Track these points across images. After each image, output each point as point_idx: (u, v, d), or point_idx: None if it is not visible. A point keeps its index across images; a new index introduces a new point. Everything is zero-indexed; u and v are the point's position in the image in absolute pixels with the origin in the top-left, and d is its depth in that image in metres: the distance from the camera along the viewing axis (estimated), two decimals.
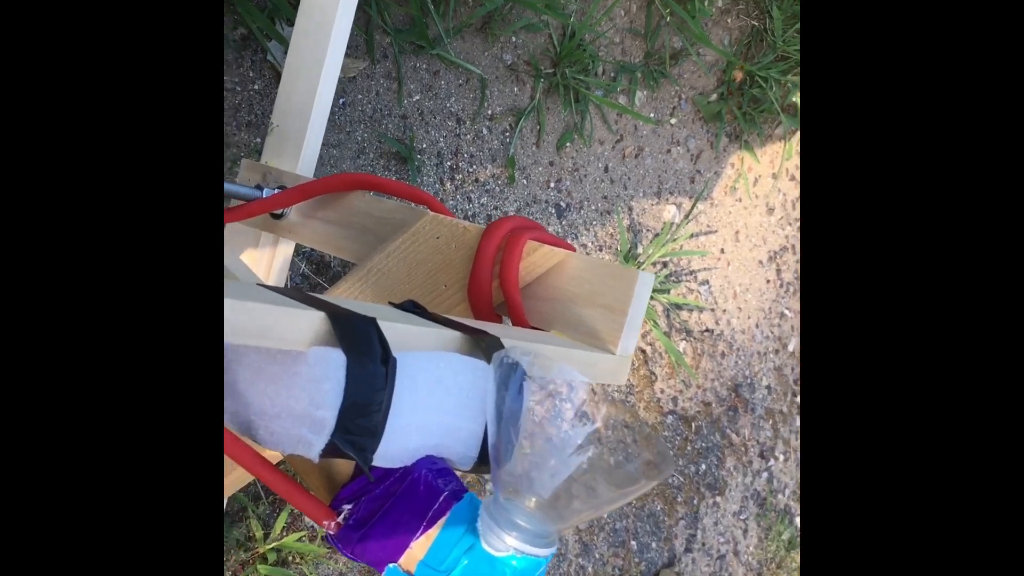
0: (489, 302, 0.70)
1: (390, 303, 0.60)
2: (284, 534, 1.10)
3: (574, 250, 0.71)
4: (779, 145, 1.88)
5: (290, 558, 1.11)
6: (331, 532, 0.52)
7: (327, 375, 0.46)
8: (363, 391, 0.47)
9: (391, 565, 0.50)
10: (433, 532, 0.49)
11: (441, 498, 0.50)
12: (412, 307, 0.59)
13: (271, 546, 1.07)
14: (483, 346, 0.55)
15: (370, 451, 0.48)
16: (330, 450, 0.47)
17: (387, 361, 0.48)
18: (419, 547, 0.49)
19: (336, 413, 0.46)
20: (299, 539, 1.10)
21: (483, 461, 0.54)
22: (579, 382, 0.49)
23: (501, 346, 0.55)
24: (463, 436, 0.53)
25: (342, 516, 0.52)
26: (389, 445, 0.49)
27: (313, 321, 0.47)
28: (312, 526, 1.15)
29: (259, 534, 1.08)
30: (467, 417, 0.53)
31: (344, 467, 0.55)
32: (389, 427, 0.49)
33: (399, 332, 0.51)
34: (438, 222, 0.74)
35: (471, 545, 0.48)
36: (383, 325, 0.50)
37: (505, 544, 0.46)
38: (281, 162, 0.93)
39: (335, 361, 0.46)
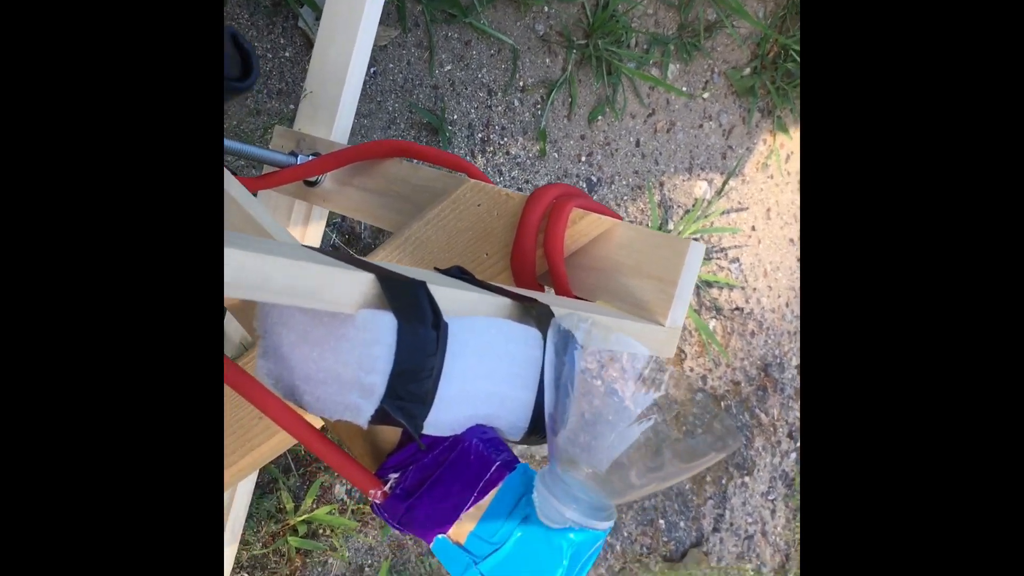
0: (533, 271, 0.68)
1: (436, 268, 0.58)
2: (314, 506, 1.09)
3: (621, 219, 0.69)
4: None
5: (320, 530, 1.10)
6: (377, 501, 0.51)
7: (377, 339, 0.44)
8: (414, 356, 0.45)
9: (440, 535, 0.48)
10: (485, 502, 0.48)
11: (493, 467, 0.48)
12: (459, 273, 0.57)
13: (301, 518, 1.07)
14: (534, 313, 0.53)
15: (420, 418, 0.47)
16: (379, 417, 0.45)
17: (438, 325, 0.46)
18: (470, 518, 0.48)
19: (386, 378, 0.45)
20: (329, 512, 1.09)
21: (533, 432, 0.53)
22: (640, 350, 0.47)
23: (552, 314, 0.53)
24: (514, 405, 0.51)
25: (389, 485, 0.50)
26: (440, 413, 0.47)
27: (362, 283, 0.45)
28: (342, 499, 1.14)
29: (290, 506, 1.07)
30: (518, 386, 0.51)
31: (390, 435, 0.54)
32: (439, 394, 0.47)
33: (449, 297, 0.49)
34: (479, 189, 0.72)
35: (526, 516, 0.46)
36: (433, 290, 0.48)
37: (563, 516, 0.45)
38: (315, 129, 0.91)
39: (386, 324, 0.44)
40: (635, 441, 0.45)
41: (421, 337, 0.45)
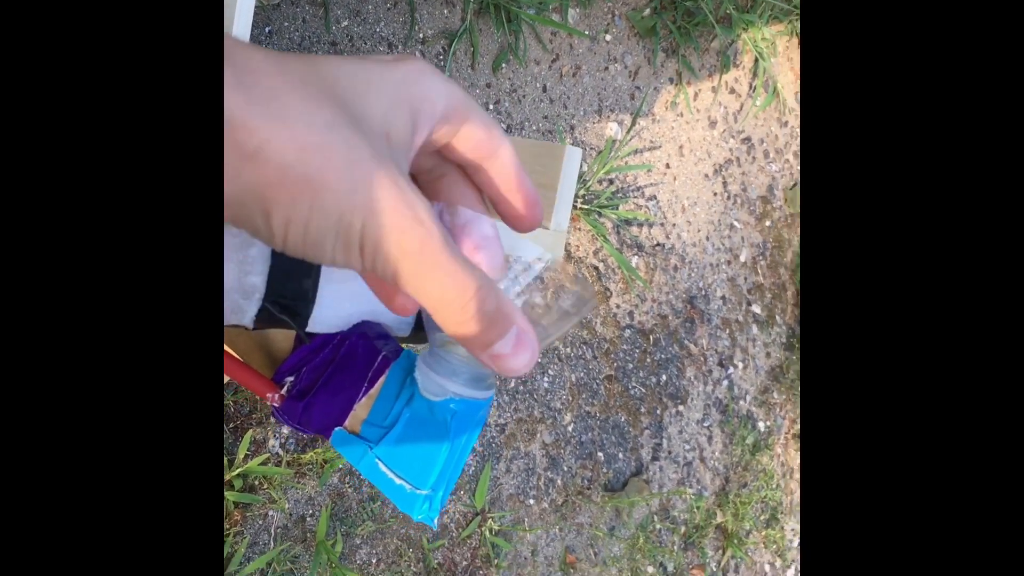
0: None
1: None
2: (247, 460, 1.11)
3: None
4: (716, 58, 1.89)
5: (257, 483, 1.12)
6: (275, 404, 0.53)
7: (252, 240, 0.46)
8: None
9: (337, 429, 0.51)
10: (374, 391, 0.50)
11: (379, 358, 0.51)
12: None
13: (236, 472, 1.08)
14: None
15: (304, 316, 0.49)
16: (264, 317, 0.48)
17: None
18: (362, 408, 0.50)
19: (265, 279, 0.47)
20: (263, 463, 1.11)
21: (421, 327, 0.55)
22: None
23: None
24: None
25: (285, 388, 0.53)
26: (323, 311, 0.50)
27: None
28: (277, 452, 1.16)
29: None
30: None
31: (284, 345, 0.56)
32: (321, 293, 0.49)
33: None
34: None
35: (410, 395, 0.49)
36: None
37: (444, 390, 0.47)
38: None
39: None
40: None
41: None
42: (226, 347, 0.61)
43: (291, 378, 0.53)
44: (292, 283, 0.48)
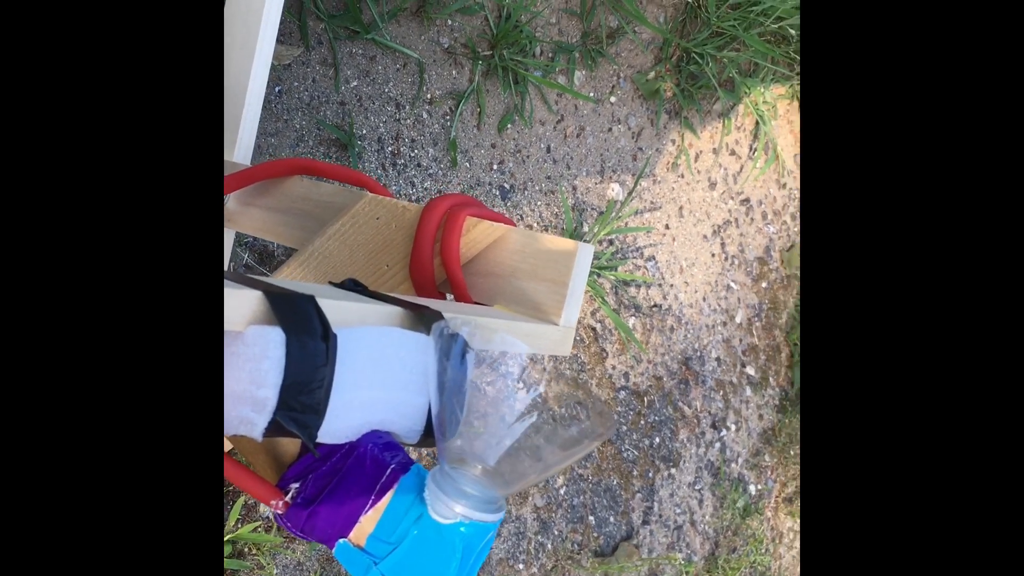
0: (431, 280, 0.70)
1: (330, 282, 0.60)
2: (238, 526, 1.09)
3: (514, 225, 0.71)
4: (718, 120, 1.90)
5: (246, 549, 1.10)
6: (279, 512, 0.52)
7: (266, 353, 0.46)
8: (304, 369, 0.47)
9: (341, 540, 0.50)
10: (382, 505, 0.49)
11: (388, 471, 0.50)
12: (352, 285, 0.59)
13: (226, 538, 1.06)
14: (425, 320, 0.55)
15: (314, 428, 0.48)
16: (273, 429, 0.47)
17: (327, 337, 0.48)
18: (368, 521, 0.49)
19: (277, 392, 0.46)
20: (254, 529, 1.09)
21: (429, 434, 0.55)
22: (520, 349, 0.49)
23: (442, 319, 0.55)
24: (408, 411, 0.53)
25: (290, 495, 0.52)
26: (333, 422, 0.49)
27: (249, 300, 0.47)
28: (267, 517, 1.15)
29: None
30: (411, 391, 0.53)
31: (290, 447, 0.55)
32: (332, 404, 0.48)
33: (339, 309, 0.51)
34: (377, 203, 0.74)
35: (419, 515, 0.48)
36: (322, 303, 0.50)
37: (453, 512, 0.47)
38: None
39: (274, 339, 0.46)
40: (519, 436, 0.47)
41: (310, 349, 0.47)
42: (230, 449, 0.60)
43: (296, 484, 0.52)
44: (304, 395, 0.47)
